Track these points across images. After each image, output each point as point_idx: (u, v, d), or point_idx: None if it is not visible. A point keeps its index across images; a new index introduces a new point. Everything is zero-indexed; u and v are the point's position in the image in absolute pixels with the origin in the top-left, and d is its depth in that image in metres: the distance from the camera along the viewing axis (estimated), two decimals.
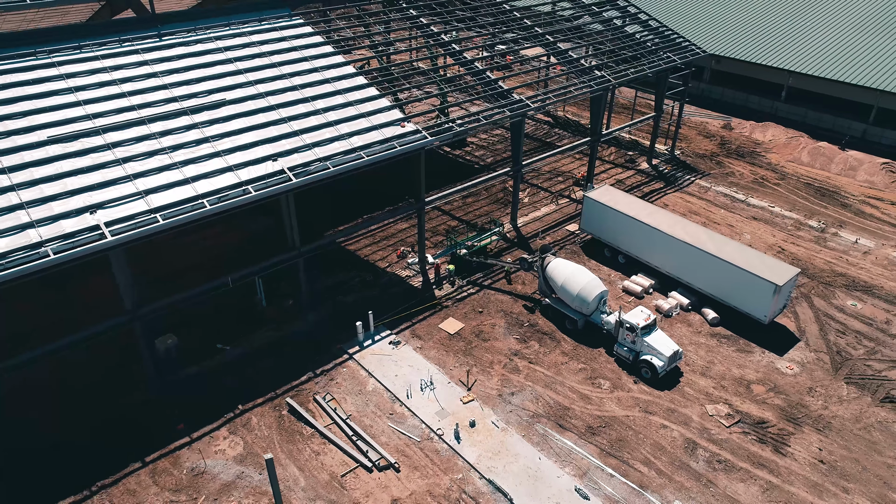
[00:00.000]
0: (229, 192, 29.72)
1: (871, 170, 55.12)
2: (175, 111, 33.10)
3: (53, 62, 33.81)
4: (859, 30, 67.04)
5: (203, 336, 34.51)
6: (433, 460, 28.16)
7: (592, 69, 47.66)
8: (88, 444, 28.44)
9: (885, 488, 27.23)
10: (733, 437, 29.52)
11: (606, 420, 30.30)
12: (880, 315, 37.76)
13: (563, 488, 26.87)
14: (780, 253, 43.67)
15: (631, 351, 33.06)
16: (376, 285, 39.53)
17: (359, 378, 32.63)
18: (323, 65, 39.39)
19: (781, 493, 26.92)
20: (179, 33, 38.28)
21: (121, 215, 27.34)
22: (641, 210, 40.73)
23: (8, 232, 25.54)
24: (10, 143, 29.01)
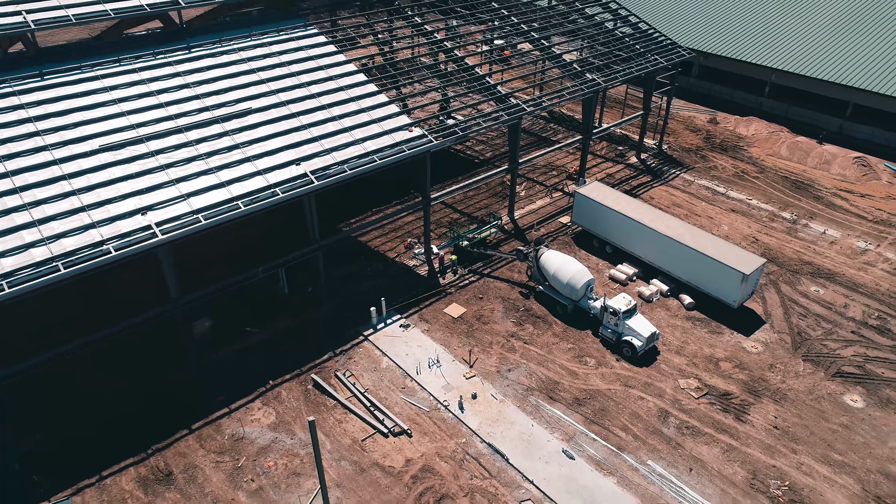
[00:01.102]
0: (260, 195, 33.75)
1: (844, 163, 59.11)
2: (208, 119, 37.00)
3: (97, 75, 37.61)
4: (839, 29, 70.52)
5: (231, 321, 38.73)
6: (440, 427, 32.59)
7: (584, 72, 51.44)
8: (142, 414, 32.81)
9: (828, 449, 31.71)
10: (701, 408, 33.96)
11: (591, 393, 34.70)
12: (839, 300, 42.07)
13: (553, 450, 31.33)
14: (754, 243, 47.87)
15: (614, 332, 37.37)
16: (386, 274, 43.72)
17: (373, 357, 36.96)
18: (337, 73, 43.15)
19: (739, 454, 31.40)
20: (206, 45, 41.99)
21: (168, 216, 31.42)
22: (627, 205, 44.82)
23: (73, 232, 29.63)
24: (68, 152, 32.97)
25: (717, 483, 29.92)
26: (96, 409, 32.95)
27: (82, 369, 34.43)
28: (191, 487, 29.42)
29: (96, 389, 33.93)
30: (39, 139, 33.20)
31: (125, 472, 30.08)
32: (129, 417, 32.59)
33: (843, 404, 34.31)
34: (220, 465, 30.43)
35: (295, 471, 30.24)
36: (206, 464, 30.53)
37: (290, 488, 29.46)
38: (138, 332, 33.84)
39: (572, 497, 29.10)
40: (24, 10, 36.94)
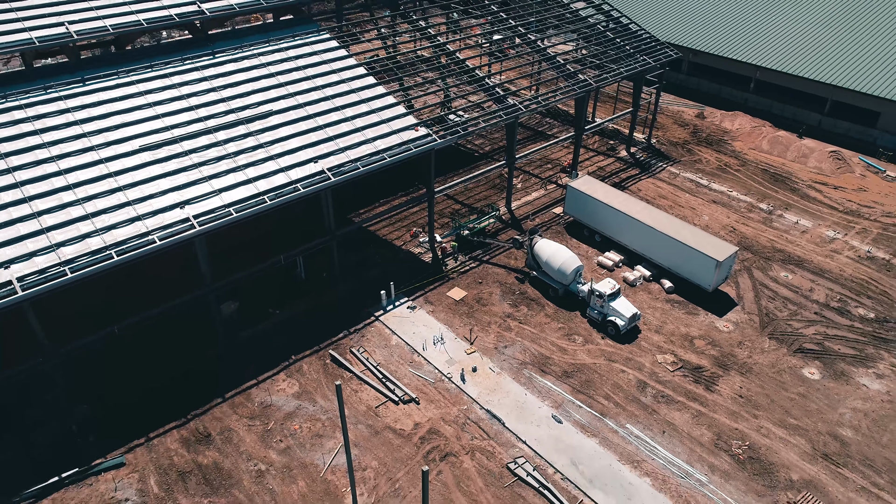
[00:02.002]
0: (283, 190, 37.77)
1: (821, 157, 63.11)
2: (233, 121, 40.91)
3: (132, 80, 41.44)
4: (820, 29, 74.13)
5: (255, 303, 42.88)
6: (444, 396, 36.90)
7: (576, 73, 55.24)
8: (180, 385, 37.06)
9: (785, 415, 36.07)
10: (675, 379, 38.28)
11: (578, 366, 39.00)
12: (806, 284, 46.29)
13: (543, 416, 35.66)
14: (732, 232, 52.01)
15: (600, 313, 41.59)
16: (394, 261, 47.85)
17: (384, 335, 41.20)
18: (348, 76, 46.96)
19: (707, 419, 35.75)
20: (229, 51, 45.73)
21: (203, 209, 35.45)
22: (615, 198, 48.87)
23: (122, 224, 33.66)
24: (112, 152, 36.92)
25: (685, 443, 34.30)
26: (140, 380, 37.20)
27: (126, 346, 38.59)
28: (227, 447, 33.75)
29: (139, 363, 38.16)
30: (86, 140, 37.14)
31: (169, 433, 34.40)
32: (169, 388, 36.83)
33: (802, 376, 38.64)
34: (252, 428, 34.76)
35: (317, 433, 34.57)
36: (240, 427, 34.85)
37: (314, 448, 33.80)
38: (175, 313, 37.99)
39: (559, 455, 33.47)
40: (67, 21, 40.69)
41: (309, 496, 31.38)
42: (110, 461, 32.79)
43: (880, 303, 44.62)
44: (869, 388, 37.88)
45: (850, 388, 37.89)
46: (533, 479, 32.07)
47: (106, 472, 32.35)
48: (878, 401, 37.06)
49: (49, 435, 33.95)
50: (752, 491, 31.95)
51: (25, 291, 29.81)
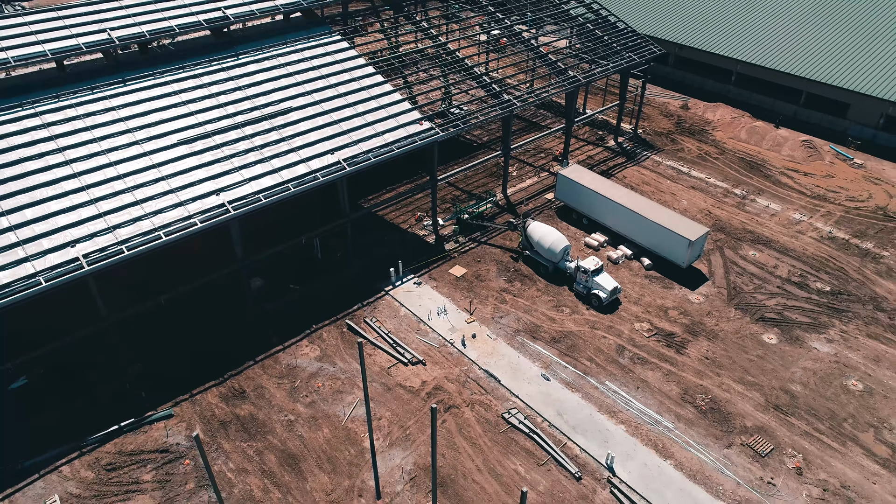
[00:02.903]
0: (305, 178, 42.79)
1: (794, 146, 68.12)
2: (258, 117, 45.81)
3: (167, 80, 46.28)
4: (796, 24, 78.76)
5: (277, 279, 48.03)
6: (447, 359, 42.22)
7: (566, 70, 60.08)
8: (216, 349, 42.31)
9: (744, 373, 41.44)
10: (650, 344, 43.61)
11: (565, 333, 44.30)
12: (771, 262, 51.53)
13: (533, 375, 41.00)
14: (707, 215, 57.14)
15: (585, 287, 46.82)
16: (401, 242, 52.97)
17: (393, 307, 46.44)
18: (359, 75, 51.78)
19: (676, 377, 41.13)
20: (251, 52, 50.49)
21: (236, 196, 40.49)
22: (600, 185, 53.92)
23: (168, 209, 38.72)
24: (154, 146, 41.89)
25: (656, 397, 39.69)
26: (181, 345, 42.44)
27: (167, 316, 43.76)
28: (260, 401, 39.08)
29: (180, 330, 43.39)
30: (131, 135, 42.09)
31: (209, 390, 39.70)
32: (207, 352, 42.08)
33: (761, 341, 43.99)
34: (281, 386, 40.07)
35: (338, 389, 39.90)
36: (270, 385, 40.17)
37: (335, 402, 39.14)
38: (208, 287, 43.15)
39: (547, 407, 38.85)
40: (108, 28, 45.44)
41: (332, 441, 36.75)
42: (160, 413, 38.11)
43: (836, 277, 49.90)
44: (819, 350, 43.27)
45: (802, 350, 43.27)
46: (524, 426, 37.48)
47: (157, 422, 37.67)
48: (825, 361, 42.45)
49: (108, 391, 39.23)
50: (712, 435, 37.38)
51: (91, 266, 34.94)
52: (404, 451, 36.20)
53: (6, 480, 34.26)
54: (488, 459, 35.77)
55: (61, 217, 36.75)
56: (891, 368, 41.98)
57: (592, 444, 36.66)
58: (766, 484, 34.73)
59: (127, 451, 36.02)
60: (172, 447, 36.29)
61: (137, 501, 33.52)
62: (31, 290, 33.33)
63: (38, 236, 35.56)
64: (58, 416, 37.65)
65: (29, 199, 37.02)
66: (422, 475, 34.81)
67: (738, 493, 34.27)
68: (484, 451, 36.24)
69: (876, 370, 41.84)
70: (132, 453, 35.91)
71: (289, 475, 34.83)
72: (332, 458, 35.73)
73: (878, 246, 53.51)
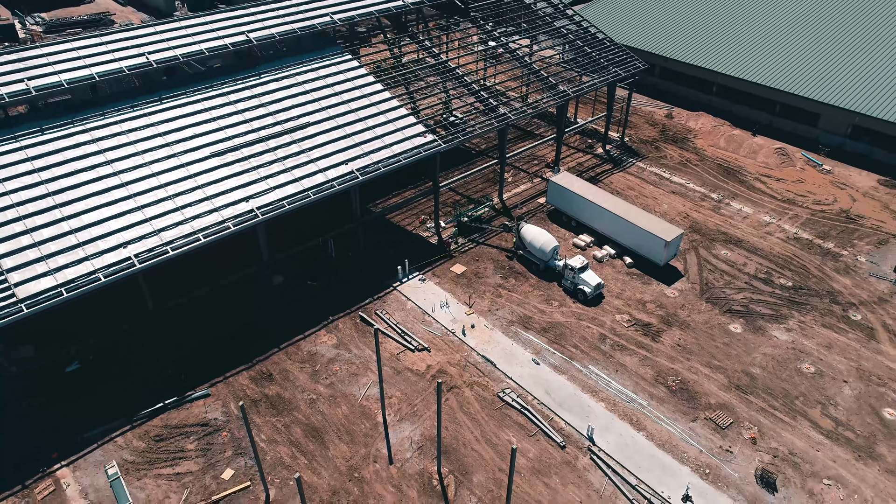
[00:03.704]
0: (322, 186, 48.27)
1: (768, 153, 73.68)
2: (280, 131, 51.27)
3: (199, 98, 51.74)
4: (772, 39, 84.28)
5: (295, 277, 53.46)
6: (449, 346, 47.72)
7: (557, 85, 65.60)
8: (245, 338, 47.76)
9: (711, 358, 46.99)
10: (629, 333, 49.14)
11: (554, 324, 49.83)
12: (741, 260, 57.08)
13: (525, 360, 46.52)
14: (685, 218, 62.69)
15: (572, 283, 52.34)
16: (406, 243, 58.45)
17: (401, 301, 51.93)
18: (368, 91, 57.28)
19: (651, 361, 46.68)
20: (272, 71, 55.96)
21: (263, 202, 45.96)
22: (587, 190, 59.45)
23: (204, 215, 44.16)
24: (190, 158, 47.35)
25: (633, 378, 45.24)
26: (214, 334, 47.90)
27: (202, 308, 49.19)
28: (286, 382, 44.57)
29: (212, 321, 48.85)
30: (168, 149, 47.57)
31: (240, 373, 45.17)
32: (237, 339, 47.55)
33: (728, 330, 49.55)
34: (303, 369, 45.56)
35: (354, 373, 45.39)
36: (294, 368, 45.66)
37: (352, 383, 44.64)
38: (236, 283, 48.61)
39: (537, 387, 44.39)
40: (146, 52, 50.90)
41: (350, 416, 42.27)
42: (199, 393, 43.57)
43: (798, 274, 55.49)
44: (778, 338, 48.84)
45: (764, 338, 48.84)
46: (516, 403, 43.02)
47: (196, 401, 43.15)
48: (783, 348, 48.03)
49: (151, 374, 44.70)
50: (679, 411, 42.94)
51: (141, 265, 40.42)
52: (412, 424, 41.73)
53: (70, 450, 39.71)
54: (485, 431, 41.30)
55: (113, 221, 42.25)
56: (840, 354, 47.57)
57: (576, 418, 42.19)
58: (724, 451, 40.29)
59: (172, 424, 41.50)
60: (211, 421, 41.77)
61: (183, 466, 39.01)
62: (93, 285, 38.80)
63: (95, 238, 41.05)
64: (107, 395, 43.10)
65: (85, 206, 42.52)
66: (427, 444, 40.33)
67: (700, 459, 39.83)
68: (481, 424, 41.78)
69: (827, 355, 47.43)
70: (176, 426, 41.39)
71: (313, 445, 40.34)
72: (350, 431, 41.26)
73: (838, 246, 59.09)
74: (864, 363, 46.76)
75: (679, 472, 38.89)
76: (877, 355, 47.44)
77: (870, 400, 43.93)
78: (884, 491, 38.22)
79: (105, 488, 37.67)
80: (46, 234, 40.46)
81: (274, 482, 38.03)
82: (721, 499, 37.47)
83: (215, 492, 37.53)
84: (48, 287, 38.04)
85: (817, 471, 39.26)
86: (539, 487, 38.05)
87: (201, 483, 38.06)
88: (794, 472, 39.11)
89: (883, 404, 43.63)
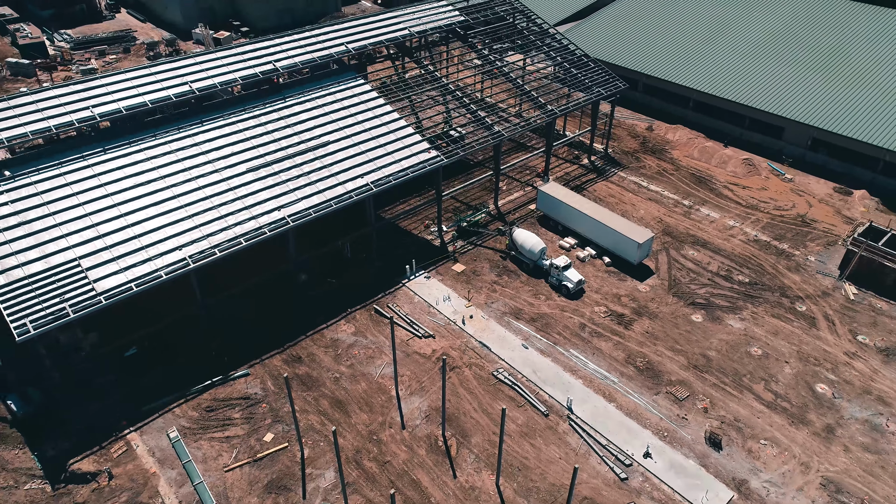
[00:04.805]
0: (342, 196, 56.35)
1: (736, 163, 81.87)
2: (305, 148, 59.36)
3: (234, 120, 59.84)
4: (742, 59, 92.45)
5: (316, 274, 61.53)
6: (451, 333, 55.83)
7: (546, 104, 73.80)
8: (276, 325, 55.81)
9: (674, 343, 55.16)
10: (605, 322, 57.27)
11: (541, 314, 57.96)
12: (706, 260, 65.26)
13: (516, 345, 54.64)
14: (659, 222, 70.84)
15: (557, 279, 60.47)
16: (413, 245, 66.57)
17: (409, 295, 60.03)
18: (379, 112, 65.40)
19: (623, 346, 54.82)
20: (295, 96, 64.08)
21: (293, 211, 54.01)
22: (572, 199, 67.60)
23: (244, 221, 52.24)
24: (229, 173, 55.42)
25: (607, 360, 53.37)
26: (251, 323, 55.98)
27: (240, 301, 57.24)
28: (313, 364, 52.66)
29: (249, 313, 56.93)
30: (210, 165, 55.68)
31: (274, 356, 53.23)
32: (271, 328, 55.61)
33: (690, 320, 57.72)
34: (327, 353, 53.66)
35: (370, 356, 53.49)
36: (319, 352, 53.75)
37: (369, 364, 52.73)
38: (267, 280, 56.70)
39: (525, 367, 52.50)
40: (189, 81, 59.01)
41: (368, 391, 50.38)
42: (240, 372, 51.64)
43: (755, 271, 63.68)
44: (733, 326, 57.01)
45: (720, 326, 57.01)
46: (508, 380, 51.13)
47: (238, 379, 51.21)
48: (736, 334, 56.21)
49: (199, 356, 52.75)
50: (645, 387, 51.09)
51: (195, 264, 48.50)
52: (420, 397, 49.85)
53: (136, 419, 47.77)
54: (482, 403, 49.44)
55: (169, 228, 50.34)
56: (785, 339, 55.75)
57: (557, 392, 50.32)
58: (680, 419, 48.45)
59: (219, 398, 49.59)
60: (252, 396, 49.86)
61: (231, 431, 47.10)
62: (156, 281, 46.88)
63: (156, 242, 49.14)
64: (164, 375, 51.18)
65: (145, 215, 50.64)
66: (433, 413, 48.45)
67: (660, 424, 47.99)
68: (478, 397, 49.92)
69: (773, 341, 55.61)
70: (223, 400, 49.48)
71: (338, 414, 48.45)
72: (369, 403, 49.39)
73: (792, 247, 67.32)
74: (804, 347, 54.98)
75: (642, 435, 47.05)
76: (816, 340, 55.66)
77: (806, 377, 52.14)
78: (809, 450, 46.42)
79: (168, 448, 45.76)
80: (116, 238, 48.55)
81: (307, 443, 46.15)
82: (675, 455, 45.66)
83: (259, 451, 45.64)
84: (120, 283, 46.13)
85: (756, 433, 47.44)
86: (526, 447, 46.21)
87: (247, 444, 46.18)
88: (737, 435, 47.29)
89: (816, 381, 51.83)
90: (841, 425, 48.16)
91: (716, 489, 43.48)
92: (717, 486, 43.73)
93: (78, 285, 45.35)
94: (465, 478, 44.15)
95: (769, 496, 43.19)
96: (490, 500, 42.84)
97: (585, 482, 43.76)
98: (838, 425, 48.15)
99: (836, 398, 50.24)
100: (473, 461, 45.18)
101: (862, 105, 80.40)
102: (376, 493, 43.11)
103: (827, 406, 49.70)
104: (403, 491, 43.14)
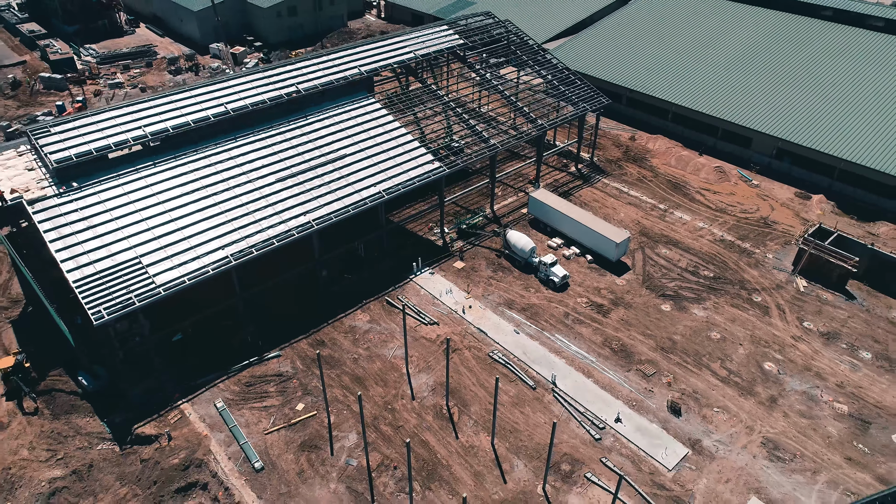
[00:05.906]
0: (358, 203, 65.10)
1: (709, 171, 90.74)
2: (325, 160, 68.12)
3: (263, 136, 68.57)
4: (714, 76, 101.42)
5: (335, 271, 70.26)
6: (453, 321, 64.60)
7: (536, 119, 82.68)
8: (301, 316, 64.53)
9: (645, 329, 63.99)
10: (587, 311, 66.09)
11: (531, 305, 66.78)
12: (676, 257, 74.11)
13: (509, 331, 63.44)
14: (637, 224, 79.66)
15: (545, 275, 69.28)
16: (418, 245, 75.35)
17: (416, 289, 68.83)
18: (389, 128, 74.17)
19: (601, 331, 63.63)
20: (316, 113, 72.84)
21: (317, 216, 62.76)
22: (559, 204, 76.44)
23: (276, 225, 60.94)
24: (261, 182, 64.12)
25: (587, 343, 62.19)
26: (281, 312, 64.71)
27: (271, 294, 65.94)
28: (335, 346, 61.43)
29: (279, 303, 65.68)
30: (244, 176, 64.42)
31: (300, 341, 61.98)
32: (298, 316, 64.32)
33: (660, 309, 66.56)
34: (347, 337, 62.42)
35: (384, 340, 62.26)
36: (339, 337, 62.51)
37: (383, 347, 61.51)
38: (294, 276, 65.44)
39: (517, 349, 61.28)
40: (224, 102, 67.76)
41: (383, 369, 59.16)
42: (273, 354, 60.37)
43: (719, 267, 72.54)
44: (697, 314, 65.85)
45: (686, 315, 65.86)
46: (502, 360, 59.94)
47: (271, 360, 59.95)
48: (699, 321, 65.06)
49: (237, 341, 61.46)
50: (618, 365, 59.91)
51: (236, 261, 57.25)
52: (427, 374, 58.64)
53: (187, 392, 56.50)
54: (479, 378, 58.26)
55: (212, 231, 59.06)
56: (741, 325, 64.60)
57: (544, 369, 59.13)
58: (647, 391, 57.29)
59: (256, 375, 58.35)
60: (284, 373, 58.62)
61: (268, 402, 55.86)
62: (205, 275, 55.61)
63: (202, 243, 57.87)
64: (208, 356, 59.88)
65: (192, 220, 59.36)
66: (438, 387, 57.24)
67: (630, 396, 56.82)
68: (476, 374, 58.72)
69: (731, 327, 64.47)
70: (260, 376, 58.24)
71: (358, 388, 57.21)
72: (384, 378, 58.17)
73: (754, 245, 76.21)
74: (757, 332, 63.87)
75: (614, 405, 55.87)
76: (767, 326, 64.56)
77: (756, 357, 61.02)
78: (755, 416, 55.27)
79: (216, 416, 54.51)
80: (169, 239, 57.26)
81: (332, 411, 54.94)
82: (642, 420, 54.49)
83: (292, 418, 54.42)
84: (175, 277, 54.86)
85: (711, 403, 56.31)
86: (517, 414, 55.04)
87: (282, 412, 54.95)
88: (694, 404, 56.16)
89: (765, 360, 60.71)
90: (782, 396, 57.04)
91: (674, 447, 52.33)
92: (675, 444, 52.58)
93: (140, 279, 54.06)
94: (466, 438, 52.96)
95: (718, 452, 52.06)
96: (486, 456, 51.66)
97: (566, 442, 52.59)
98: (780, 396, 57.03)
99: (781, 374, 59.13)
100: (472, 425, 53.99)
101: (822, 117, 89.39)
102: (392, 450, 51.91)
103: (772, 381, 58.57)
104: (414, 448, 51.95)
